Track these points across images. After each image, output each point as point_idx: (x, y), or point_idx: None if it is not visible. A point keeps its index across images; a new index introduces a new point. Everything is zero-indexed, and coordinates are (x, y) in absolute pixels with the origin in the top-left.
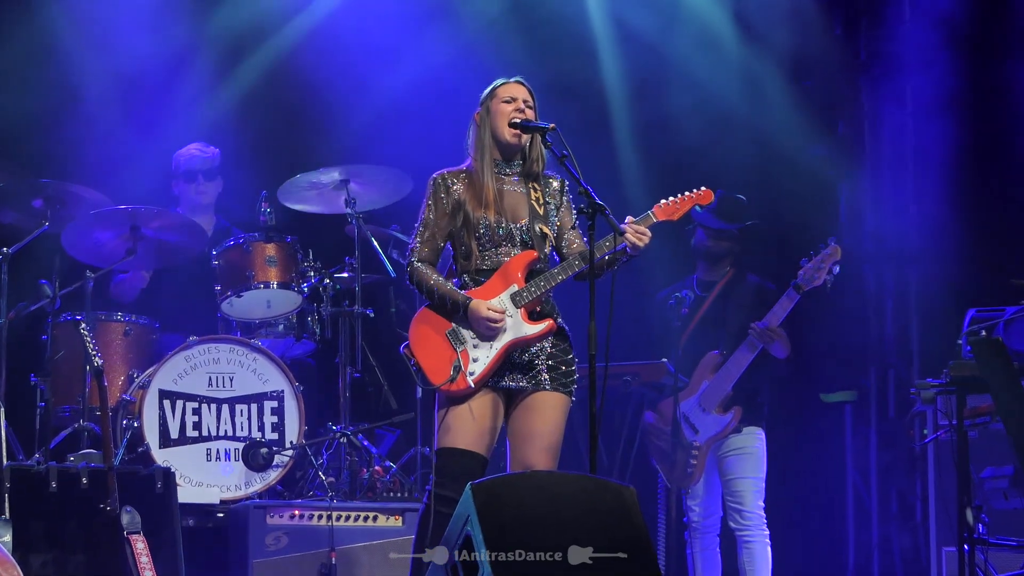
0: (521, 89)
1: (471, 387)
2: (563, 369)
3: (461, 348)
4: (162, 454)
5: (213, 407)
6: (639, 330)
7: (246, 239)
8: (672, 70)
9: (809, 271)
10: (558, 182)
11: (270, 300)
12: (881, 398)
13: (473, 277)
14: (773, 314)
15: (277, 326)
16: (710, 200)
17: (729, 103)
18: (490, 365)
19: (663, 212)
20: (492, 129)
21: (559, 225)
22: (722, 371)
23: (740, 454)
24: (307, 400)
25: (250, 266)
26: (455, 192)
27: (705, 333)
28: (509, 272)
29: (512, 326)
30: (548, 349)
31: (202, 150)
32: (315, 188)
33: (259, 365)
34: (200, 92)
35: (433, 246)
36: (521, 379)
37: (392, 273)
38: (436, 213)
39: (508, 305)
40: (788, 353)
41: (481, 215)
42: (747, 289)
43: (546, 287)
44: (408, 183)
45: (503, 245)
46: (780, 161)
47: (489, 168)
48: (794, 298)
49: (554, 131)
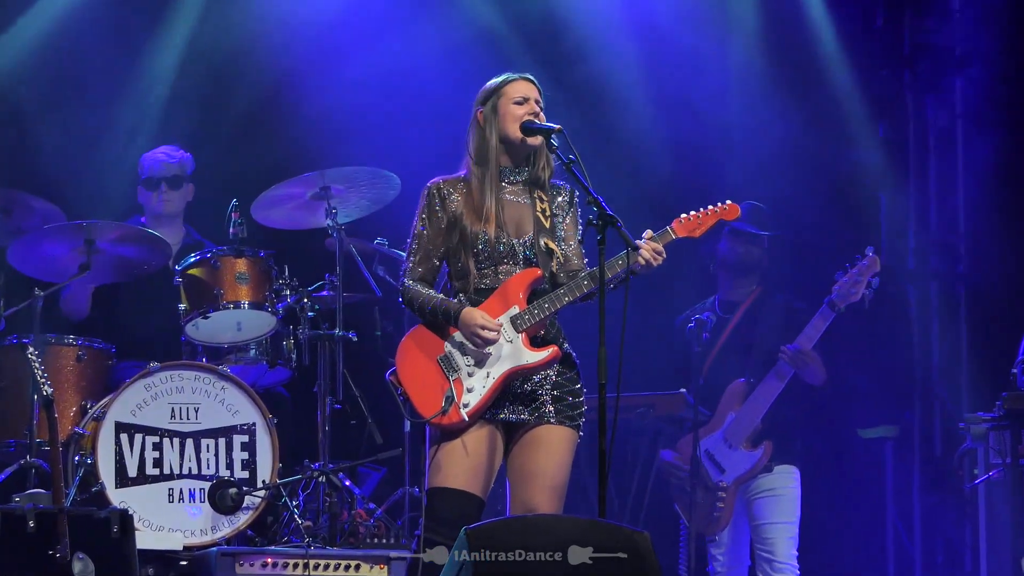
0: (532, 88)
1: (465, 420)
2: (569, 400)
3: (454, 376)
4: (119, 494)
5: (176, 442)
6: (656, 357)
7: (214, 253)
8: (692, 66)
9: (845, 286)
10: (567, 193)
11: (241, 322)
12: (926, 433)
13: (471, 298)
14: (805, 336)
15: (248, 351)
16: (736, 215)
17: (756, 102)
18: (486, 396)
19: (684, 228)
20: (500, 133)
21: (563, 237)
22: (750, 401)
23: (771, 496)
24: (282, 434)
25: (218, 284)
26: (452, 203)
27: (729, 359)
28: (509, 292)
29: (512, 352)
30: (553, 378)
31: (168, 155)
32: (292, 200)
33: (228, 395)
34: (169, 96)
35: (428, 265)
36: (522, 411)
37: (377, 292)
38: (431, 228)
39: (508, 329)
40: (824, 379)
41: (480, 229)
42: (775, 309)
43: (551, 310)
44: (395, 185)
45: (504, 263)
46: (813, 167)
47: (493, 177)
48: (829, 317)
49: (560, 133)
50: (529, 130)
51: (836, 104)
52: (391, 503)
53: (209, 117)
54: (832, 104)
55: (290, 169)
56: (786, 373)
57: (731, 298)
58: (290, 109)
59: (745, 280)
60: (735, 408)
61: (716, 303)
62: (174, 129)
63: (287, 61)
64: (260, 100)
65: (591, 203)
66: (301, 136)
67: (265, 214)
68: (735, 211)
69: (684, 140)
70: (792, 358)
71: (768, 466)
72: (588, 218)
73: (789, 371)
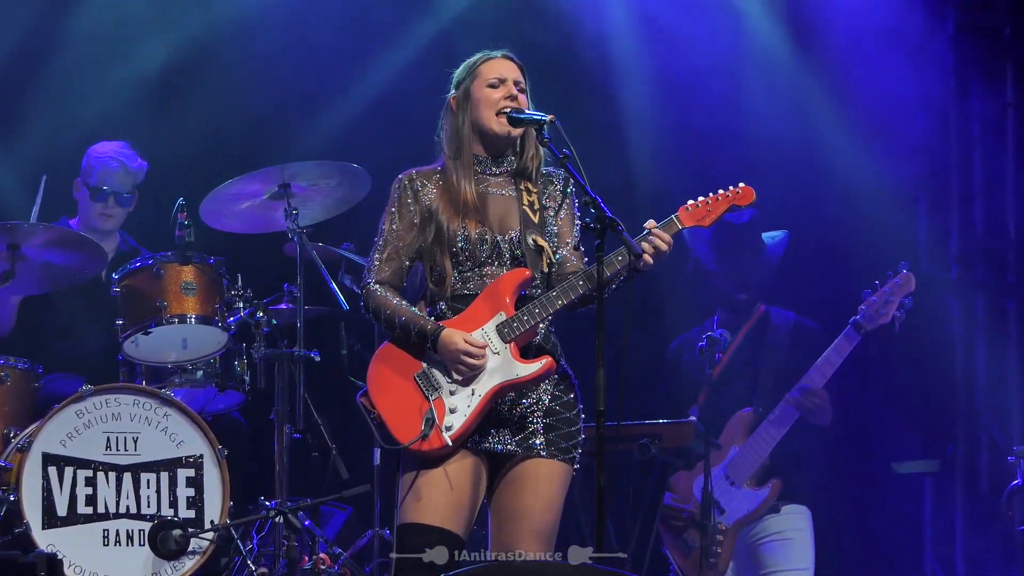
0: (510, 67)
1: (449, 445)
2: (563, 430)
3: (435, 396)
4: (46, 536)
5: (112, 476)
6: (661, 380)
7: (157, 260)
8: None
9: (874, 306)
10: (560, 182)
11: (187, 338)
12: (970, 468)
13: (451, 305)
14: (826, 361)
15: (195, 372)
16: (751, 199)
17: (769, 86)
18: (472, 417)
19: (691, 217)
20: (474, 119)
21: (557, 233)
22: (757, 434)
23: (779, 540)
24: (233, 468)
25: (161, 295)
26: (426, 197)
27: (730, 386)
28: (494, 297)
29: (500, 365)
30: (546, 403)
31: (124, 165)
32: (246, 199)
33: (171, 422)
34: (100, 80)
35: (396, 265)
36: (509, 441)
37: (344, 305)
38: (401, 224)
39: (494, 339)
40: (831, 419)
41: (458, 226)
42: (782, 329)
43: (542, 315)
44: (364, 183)
45: (488, 264)
46: (834, 163)
47: (468, 167)
48: (854, 340)
49: (553, 124)
50: (516, 121)
51: (865, 91)
52: (358, 547)
53: (146, 103)
54: (860, 90)
55: (244, 164)
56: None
57: (731, 319)
58: (245, 95)
59: (746, 296)
60: (739, 441)
61: (715, 325)
62: (106, 118)
63: (242, 43)
64: (209, 84)
65: (588, 204)
66: (257, 126)
67: (215, 215)
68: (750, 195)
69: (690, 132)
70: (799, 402)
71: (775, 506)
72: (585, 221)
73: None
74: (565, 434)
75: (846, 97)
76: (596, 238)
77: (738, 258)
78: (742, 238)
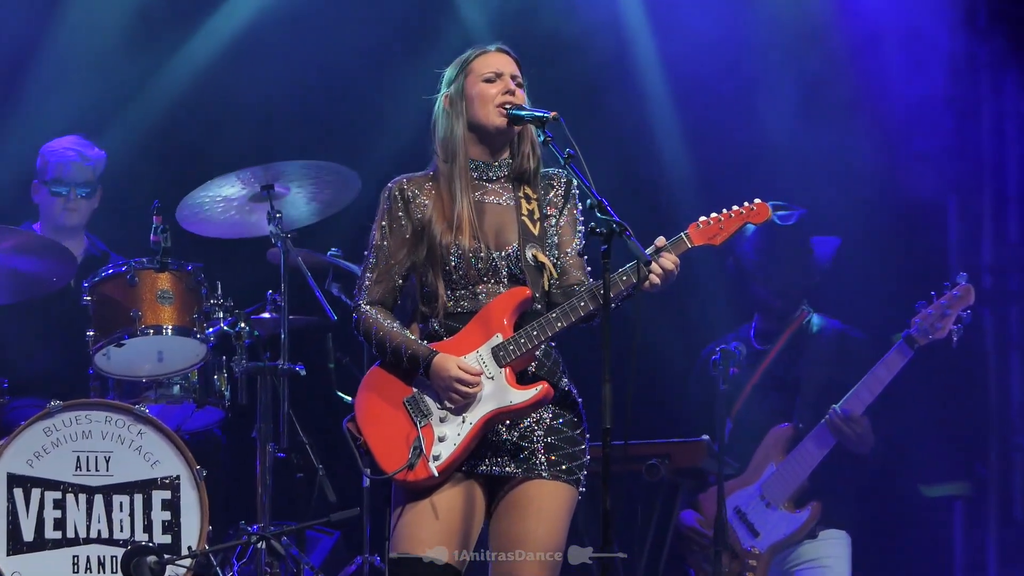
0: (506, 61)
1: (435, 476)
2: (567, 450)
3: (423, 423)
4: (12, 563)
5: (83, 499)
6: (672, 395)
7: (131, 267)
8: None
9: (930, 319)
10: (561, 183)
11: (163, 351)
12: (1004, 491)
13: (444, 324)
14: (874, 376)
15: (172, 387)
16: (766, 216)
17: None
18: (461, 446)
19: (702, 235)
20: (470, 119)
21: (557, 242)
22: (797, 452)
23: (815, 567)
24: (212, 489)
25: (135, 304)
26: (419, 208)
27: (768, 399)
28: (490, 317)
29: (493, 392)
30: (547, 421)
31: (81, 153)
32: (227, 202)
33: (146, 441)
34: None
35: (389, 285)
36: (508, 463)
37: (331, 315)
38: (393, 240)
39: (488, 363)
40: (871, 447)
41: (451, 240)
42: (826, 338)
43: (541, 338)
44: (353, 185)
45: (483, 281)
46: (860, 166)
47: (463, 173)
48: (906, 355)
49: (556, 121)
50: (517, 118)
51: (890, 87)
52: (347, 575)
53: (120, 98)
54: (886, 87)
55: (225, 164)
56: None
57: (770, 327)
58: (225, 89)
59: (781, 303)
60: (777, 459)
61: (751, 333)
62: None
63: (222, 36)
64: (186, 79)
65: (594, 207)
66: (238, 123)
67: (193, 219)
68: (764, 212)
69: (709, 135)
70: (837, 427)
71: (813, 531)
72: (591, 225)
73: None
74: (569, 454)
75: (872, 97)
76: (602, 243)
77: (779, 262)
78: (786, 241)
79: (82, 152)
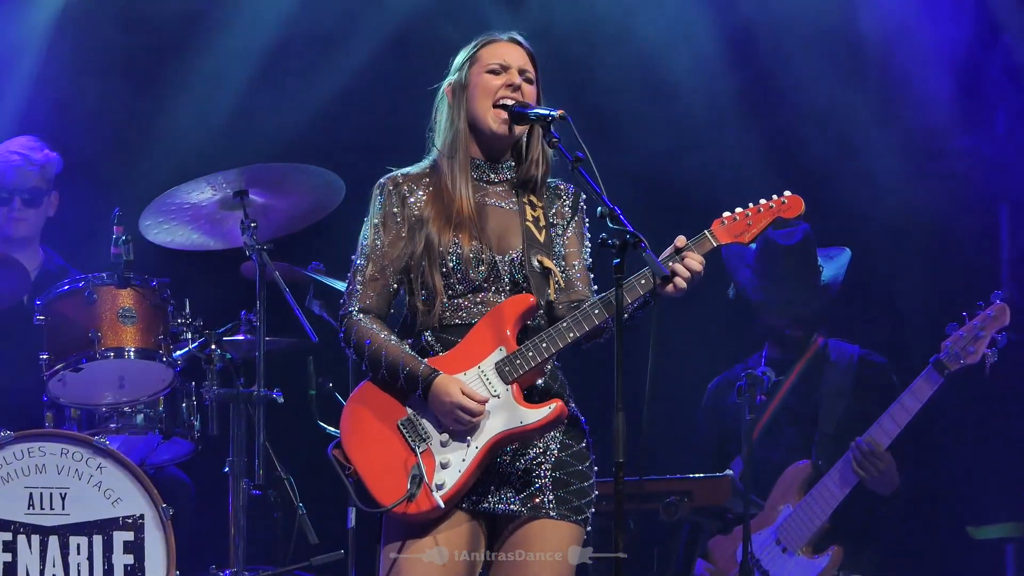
0: (517, 52)
1: (440, 507)
2: (575, 485)
3: (423, 448)
4: None
5: (36, 540)
6: (693, 425)
7: (89, 282)
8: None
9: (961, 343)
10: (569, 195)
11: (124, 376)
12: None
13: (438, 335)
14: (901, 406)
15: (135, 416)
16: (800, 210)
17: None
18: (467, 473)
19: (727, 232)
20: (471, 112)
21: (563, 254)
22: (815, 492)
23: None
24: (179, 530)
25: (94, 323)
26: (415, 205)
27: (783, 434)
28: (493, 328)
29: (501, 410)
30: (555, 453)
31: (26, 157)
32: (196, 210)
33: (106, 476)
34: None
35: (382, 288)
36: (512, 499)
37: (312, 336)
38: (387, 238)
39: (493, 379)
40: (896, 488)
41: (450, 241)
42: (844, 366)
43: (552, 350)
44: (337, 190)
45: (483, 288)
46: (895, 167)
47: (464, 170)
48: (936, 382)
49: (563, 120)
50: (519, 117)
51: (931, 77)
52: None
53: (76, 94)
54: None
55: (193, 168)
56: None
57: (783, 355)
58: (194, 86)
59: (800, 332)
60: (794, 499)
61: (763, 360)
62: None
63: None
64: (147, 74)
65: (605, 216)
66: (209, 122)
67: (159, 229)
68: (798, 205)
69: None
70: (860, 460)
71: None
72: (602, 237)
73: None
74: (577, 491)
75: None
76: (615, 255)
77: (788, 287)
78: (791, 263)
79: (27, 155)
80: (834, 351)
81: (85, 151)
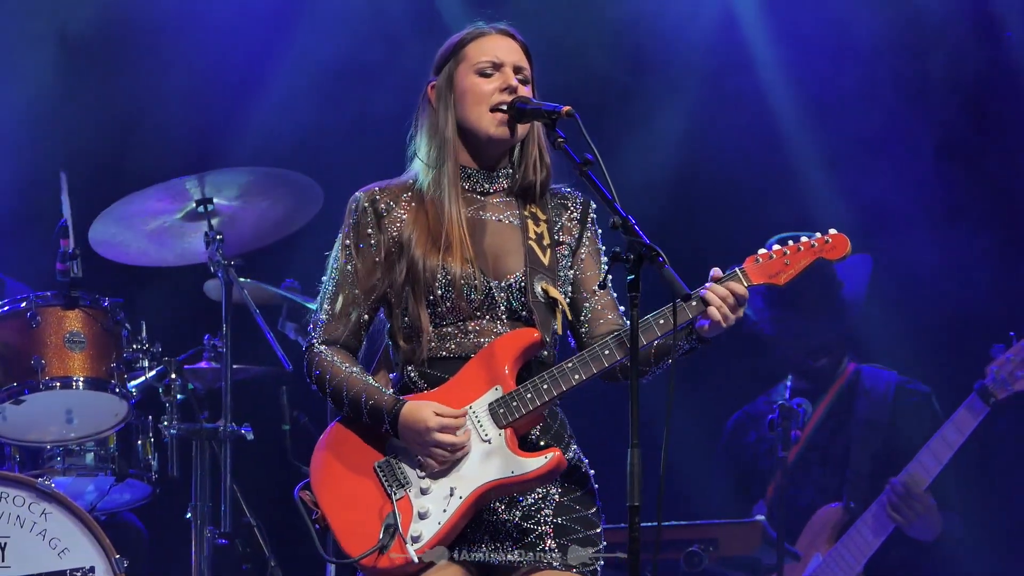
0: (510, 47)
1: (414, 562)
2: (580, 533)
3: (400, 494)
4: None
5: None
6: (718, 468)
7: (31, 302)
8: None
9: (1007, 368)
10: (578, 203)
11: (72, 409)
12: None
13: (424, 371)
14: (942, 440)
15: (84, 455)
16: (845, 252)
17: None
18: (448, 525)
19: (761, 272)
20: (460, 117)
21: (579, 280)
22: (848, 538)
23: None
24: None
25: (38, 350)
26: (393, 225)
27: (811, 474)
28: (488, 365)
29: (491, 458)
30: (556, 498)
31: None
32: (153, 220)
33: (52, 523)
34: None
35: (353, 319)
36: (510, 549)
37: (286, 363)
38: (360, 262)
39: (486, 423)
40: (938, 534)
41: (437, 264)
42: (879, 395)
43: (553, 393)
44: (314, 198)
45: (476, 317)
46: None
47: (453, 183)
48: (980, 412)
49: (570, 117)
50: (521, 113)
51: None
52: None
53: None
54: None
55: (150, 173)
56: None
57: (808, 384)
58: (153, 82)
59: (825, 361)
60: (824, 547)
61: (788, 392)
62: None
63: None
64: (106, 71)
65: (617, 227)
66: (169, 123)
67: (111, 243)
68: (843, 245)
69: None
70: (896, 504)
71: None
72: (615, 250)
73: None
74: (583, 539)
75: None
76: (628, 272)
77: (805, 314)
78: (809, 286)
79: None
80: (868, 379)
81: (28, 152)
